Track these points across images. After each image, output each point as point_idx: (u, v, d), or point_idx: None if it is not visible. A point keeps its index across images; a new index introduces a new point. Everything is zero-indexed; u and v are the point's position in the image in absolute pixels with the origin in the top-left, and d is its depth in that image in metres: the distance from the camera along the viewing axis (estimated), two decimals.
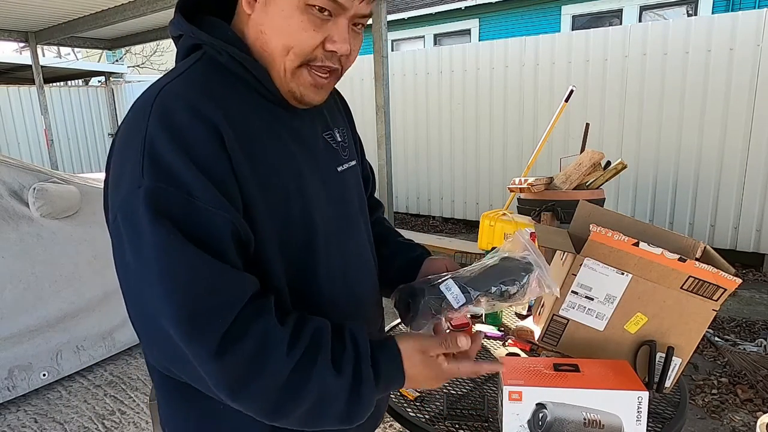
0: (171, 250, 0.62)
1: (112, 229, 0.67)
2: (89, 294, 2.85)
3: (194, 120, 0.66)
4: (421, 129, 6.14)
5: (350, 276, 0.85)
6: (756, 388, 2.62)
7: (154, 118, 0.65)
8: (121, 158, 0.68)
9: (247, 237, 0.68)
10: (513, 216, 3.49)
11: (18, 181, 2.68)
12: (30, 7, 5.22)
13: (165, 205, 0.62)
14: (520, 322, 1.49)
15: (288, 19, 0.69)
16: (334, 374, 0.68)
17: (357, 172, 0.94)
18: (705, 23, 4.28)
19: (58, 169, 6.92)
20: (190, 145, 0.64)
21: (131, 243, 0.64)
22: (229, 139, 0.67)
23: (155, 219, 0.62)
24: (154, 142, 0.64)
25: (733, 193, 4.35)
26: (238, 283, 0.65)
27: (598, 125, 4.75)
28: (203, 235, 0.64)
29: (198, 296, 0.62)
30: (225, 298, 0.63)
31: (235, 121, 0.69)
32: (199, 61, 0.73)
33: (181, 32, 0.77)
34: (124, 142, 0.68)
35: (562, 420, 0.94)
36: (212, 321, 0.62)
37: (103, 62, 12.51)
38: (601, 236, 1.05)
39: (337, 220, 0.83)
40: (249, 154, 0.69)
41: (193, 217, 0.63)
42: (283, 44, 0.71)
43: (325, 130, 0.86)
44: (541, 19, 9.02)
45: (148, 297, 0.63)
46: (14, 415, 2.58)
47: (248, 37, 0.74)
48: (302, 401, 0.67)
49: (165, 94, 0.68)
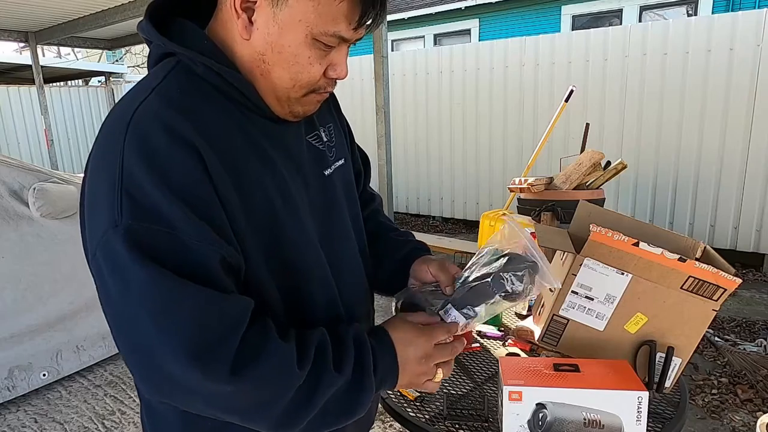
0: (161, 288, 0.59)
1: (93, 266, 0.64)
2: (89, 294, 2.84)
3: (173, 144, 0.62)
4: (421, 129, 6.14)
5: (341, 282, 0.83)
6: (756, 388, 2.62)
7: (130, 143, 0.61)
8: (96, 186, 0.64)
9: (237, 263, 0.66)
10: (513, 216, 3.49)
11: (18, 181, 2.68)
12: (30, 7, 5.22)
13: (147, 244, 0.59)
14: (520, 322, 1.49)
15: (296, 56, 0.68)
16: (337, 376, 0.68)
17: (347, 170, 0.91)
18: (705, 23, 4.28)
19: (58, 169, 6.92)
20: (169, 174, 0.61)
21: (117, 284, 0.61)
22: (211, 161, 0.64)
23: (138, 259, 0.59)
24: (132, 173, 0.60)
25: (733, 193, 4.35)
26: (235, 306, 0.63)
27: (598, 125, 4.75)
28: (191, 268, 0.61)
29: (199, 328, 0.60)
30: (227, 323, 0.61)
31: (216, 140, 0.65)
32: (173, 70, 0.69)
33: (148, 38, 0.72)
34: (98, 167, 0.64)
35: (562, 420, 0.94)
36: (219, 349, 0.60)
37: (103, 62, 12.51)
38: (601, 236, 1.05)
39: (326, 226, 0.81)
40: (231, 172, 0.66)
41: (179, 252, 0.60)
42: (290, 77, 0.70)
43: (310, 132, 0.83)
44: (541, 19, 9.02)
45: (142, 336, 0.60)
46: (14, 415, 2.58)
47: (239, 55, 0.70)
48: (311, 409, 0.67)
49: (140, 115, 0.64)
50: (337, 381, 0.68)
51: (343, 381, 0.69)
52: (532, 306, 1.50)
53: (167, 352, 0.59)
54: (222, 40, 0.71)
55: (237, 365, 0.61)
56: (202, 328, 0.60)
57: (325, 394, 0.67)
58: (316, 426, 0.69)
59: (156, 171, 0.61)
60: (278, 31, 0.67)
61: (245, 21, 0.67)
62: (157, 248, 0.60)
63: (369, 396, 0.72)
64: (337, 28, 0.67)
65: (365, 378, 0.71)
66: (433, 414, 1.12)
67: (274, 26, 0.66)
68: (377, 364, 0.72)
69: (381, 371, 0.73)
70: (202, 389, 0.61)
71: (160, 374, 0.61)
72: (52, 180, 2.80)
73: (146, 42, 0.75)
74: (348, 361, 0.70)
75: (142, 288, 0.59)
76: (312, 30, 0.66)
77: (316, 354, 0.68)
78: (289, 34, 0.66)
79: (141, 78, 0.75)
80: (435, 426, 1.08)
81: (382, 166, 4.07)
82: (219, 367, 0.60)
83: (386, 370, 0.73)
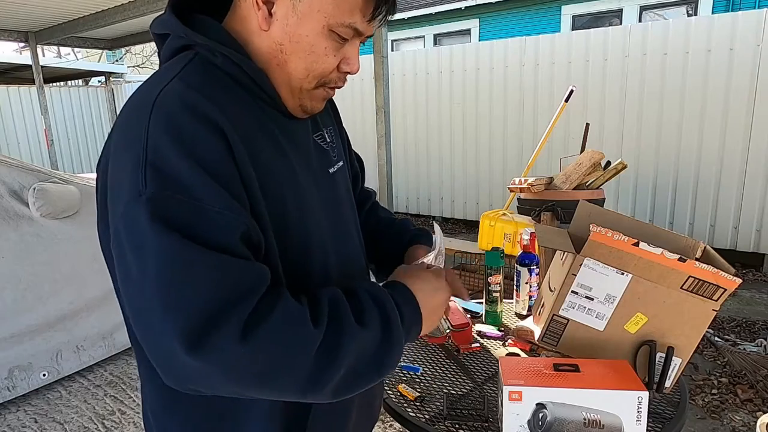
0: (180, 257, 0.58)
1: (115, 245, 0.64)
2: (89, 294, 2.85)
3: (199, 123, 0.63)
4: (421, 129, 6.14)
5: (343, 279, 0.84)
6: (756, 388, 2.62)
7: (155, 121, 0.62)
8: (118, 167, 0.64)
9: (257, 238, 0.66)
10: (513, 216, 3.49)
11: (18, 181, 2.68)
12: (30, 7, 5.22)
13: (171, 213, 0.59)
14: (520, 322, 1.49)
15: (312, 45, 0.71)
16: (362, 329, 0.68)
17: (346, 172, 0.93)
18: (705, 23, 4.28)
19: (58, 169, 6.92)
20: (196, 148, 0.62)
21: (136, 257, 0.60)
22: (234, 141, 0.65)
23: (160, 228, 0.58)
24: (157, 146, 0.61)
25: (733, 193, 4.35)
26: (251, 273, 0.63)
27: (598, 125, 4.75)
28: (214, 238, 0.61)
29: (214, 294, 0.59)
30: (241, 289, 0.61)
31: (236, 123, 0.67)
32: (191, 62, 0.70)
33: (167, 31, 0.74)
34: (121, 148, 0.65)
35: (562, 420, 0.94)
36: (232, 313, 0.59)
37: (103, 62, 12.51)
38: (601, 236, 1.05)
39: (331, 223, 0.82)
40: (251, 156, 0.67)
41: (202, 222, 0.60)
42: (305, 67, 0.72)
43: (316, 131, 0.85)
44: (541, 19, 9.02)
45: (155, 311, 0.59)
46: (14, 415, 2.58)
47: (257, 47, 0.73)
48: (338, 368, 0.65)
49: (165, 96, 0.65)
50: (363, 335, 0.67)
51: (372, 336, 0.68)
52: (532, 306, 1.50)
53: (178, 323, 0.57)
54: (239, 34, 0.73)
55: (248, 327, 0.59)
56: (217, 294, 0.59)
57: (351, 350, 0.66)
58: (350, 385, 0.68)
59: (181, 144, 0.62)
60: (297, 22, 0.70)
61: (265, 13, 0.70)
62: (179, 217, 0.60)
63: (400, 349, 0.72)
64: (352, 19, 0.70)
65: (394, 330, 0.71)
66: (433, 414, 1.12)
67: (294, 17, 0.69)
68: (403, 314, 0.73)
69: (408, 321, 0.74)
70: (217, 360, 0.59)
71: (175, 358, 0.59)
72: (52, 180, 2.80)
73: (158, 38, 0.77)
74: (371, 315, 0.70)
75: (161, 259, 0.59)
76: (329, 21, 0.69)
77: (332, 310, 0.67)
78: (307, 24, 0.69)
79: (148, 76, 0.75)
80: (435, 426, 1.08)
81: (382, 166, 4.07)
82: (231, 329, 0.58)
83: (412, 318, 0.75)
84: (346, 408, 0.86)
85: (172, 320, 0.58)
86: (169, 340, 0.57)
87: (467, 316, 1.50)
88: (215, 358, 0.58)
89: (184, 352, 0.57)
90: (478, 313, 1.61)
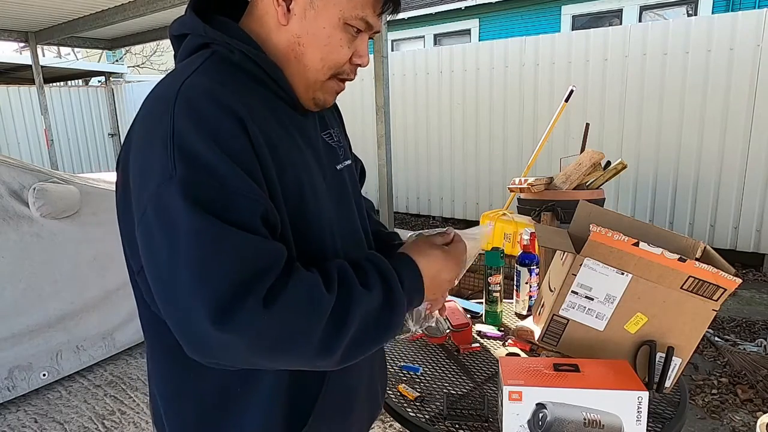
0: (208, 235, 0.62)
1: (141, 225, 0.66)
2: (89, 294, 2.85)
3: (222, 112, 0.67)
4: (421, 129, 6.14)
5: None
6: (756, 388, 2.62)
7: (179, 110, 0.66)
8: (144, 154, 0.68)
9: (275, 221, 0.70)
10: (513, 216, 3.49)
11: (18, 181, 2.68)
12: (30, 7, 5.22)
13: (200, 194, 0.63)
14: (520, 322, 1.49)
15: (329, 37, 0.76)
16: (367, 293, 0.72)
17: (353, 170, 0.97)
18: (705, 23, 4.28)
19: (58, 169, 6.92)
20: (219, 136, 0.65)
21: (165, 236, 0.63)
22: (254, 132, 0.68)
23: (191, 207, 0.62)
24: (183, 133, 0.64)
25: (733, 193, 4.35)
26: (275, 250, 0.67)
27: (598, 125, 4.75)
28: (239, 218, 0.64)
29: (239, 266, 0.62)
30: (266, 262, 0.65)
31: (254, 115, 0.70)
32: (209, 59, 0.74)
33: (187, 31, 0.78)
34: (146, 137, 0.68)
35: (562, 420, 0.94)
36: (254, 285, 0.63)
37: (103, 62, 12.51)
38: (601, 236, 1.05)
39: (341, 218, 0.85)
40: (269, 147, 0.71)
41: (228, 204, 0.64)
42: (320, 58, 0.77)
43: (324, 129, 0.89)
44: (541, 19, 9.02)
45: (184, 285, 0.62)
46: (14, 415, 2.58)
47: (275, 43, 0.77)
48: (348, 330, 0.69)
49: (187, 87, 0.68)
50: (368, 298, 0.72)
51: (375, 298, 0.73)
52: (532, 306, 1.50)
53: (207, 294, 0.61)
54: (255, 33, 0.78)
55: (269, 297, 0.63)
56: (243, 268, 0.62)
57: (358, 314, 0.70)
58: (356, 348, 0.72)
59: (206, 131, 0.65)
60: (315, 15, 0.75)
61: (284, 9, 0.75)
62: (208, 200, 0.63)
63: (402, 310, 0.77)
64: (364, 12, 0.76)
65: (395, 291, 0.76)
66: (433, 414, 1.12)
67: (312, 11, 0.75)
68: (403, 279, 0.78)
69: (408, 285, 0.79)
70: (242, 330, 0.62)
71: (202, 331, 0.61)
72: (52, 180, 2.80)
73: (176, 39, 0.80)
74: (373, 278, 0.75)
75: (191, 236, 0.62)
76: (344, 14, 0.75)
77: (340, 277, 0.72)
78: (324, 17, 0.75)
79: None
80: (435, 426, 1.08)
81: (382, 166, 4.07)
82: (255, 300, 0.62)
83: (412, 283, 0.80)
84: (349, 397, 0.87)
85: (201, 295, 0.61)
86: (198, 314, 0.61)
87: (467, 316, 1.50)
88: (240, 329, 0.62)
89: (212, 324, 0.60)
90: (478, 313, 1.61)
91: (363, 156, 1.13)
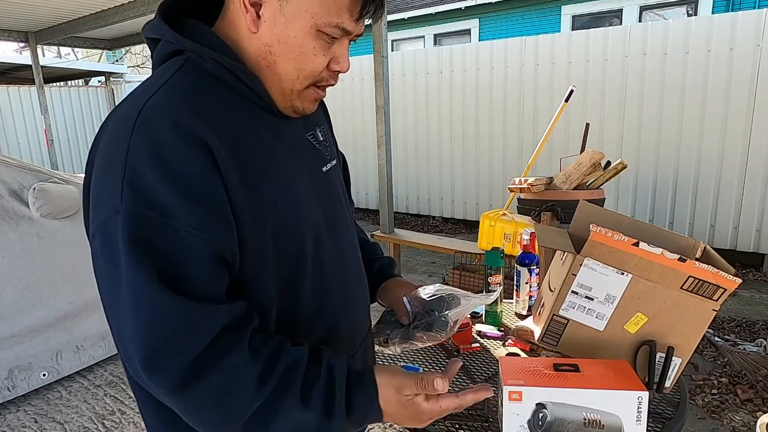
0: (142, 287, 0.61)
1: (92, 246, 0.67)
2: (89, 294, 2.85)
3: (180, 139, 0.63)
4: (421, 129, 6.13)
5: (342, 273, 0.85)
6: (756, 388, 2.62)
7: (136, 136, 0.63)
8: (100, 181, 0.66)
9: (232, 257, 0.67)
10: (513, 216, 3.49)
11: (18, 181, 2.68)
12: (30, 7, 5.22)
13: (141, 230, 0.61)
14: (520, 322, 1.48)
15: (301, 46, 0.71)
16: (302, 409, 0.67)
17: (338, 170, 0.94)
18: (705, 23, 4.27)
19: (58, 169, 6.92)
20: (172, 166, 0.62)
21: (108, 268, 0.64)
22: (219, 153, 0.65)
23: (131, 249, 0.61)
24: (136, 163, 0.62)
25: (733, 193, 4.35)
26: (206, 317, 0.63)
27: (598, 125, 4.75)
28: (179, 258, 0.62)
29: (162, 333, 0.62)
30: (191, 335, 0.62)
31: (223, 132, 0.67)
32: (181, 68, 0.71)
33: (158, 36, 0.74)
34: (104, 164, 0.66)
35: (562, 420, 0.94)
36: (173, 357, 0.62)
37: (103, 62, 12.51)
38: (601, 236, 1.05)
39: (328, 219, 0.83)
40: (239, 165, 0.68)
41: (170, 240, 0.62)
42: (294, 68, 0.72)
43: (308, 130, 0.86)
44: (541, 19, 9.01)
45: (122, 322, 0.64)
46: (14, 415, 2.58)
47: (246, 49, 0.73)
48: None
49: (148, 111, 0.65)
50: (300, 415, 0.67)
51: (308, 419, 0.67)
52: (532, 306, 1.50)
53: (135, 344, 0.62)
54: (229, 38, 0.73)
55: (188, 374, 0.62)
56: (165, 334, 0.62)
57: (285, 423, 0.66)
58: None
59: (160, 162, 0.62)
60: (285, 23, 0.70)
61: (253, 15, 0.70)
62: (150, 236, 0.62)
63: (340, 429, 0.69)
64: (340, 19, 0.70)
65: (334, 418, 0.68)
66: None
67: (281, 18, 0.69)
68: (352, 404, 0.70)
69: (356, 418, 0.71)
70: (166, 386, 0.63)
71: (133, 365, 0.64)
72: (52, 180, 2.80)
73: (150, 42, 0.76)
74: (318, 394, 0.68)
75: (129, 284, 0.62)
76: (317, 21, 0.69)
77: (283, 374, 0.67)
78: (295, 25, 0.69)
79: (146, 77, 0.76)
80: (435, 426, 1.08)
81: (382, 166, 4.07)
82: (168, 372, 0.62)
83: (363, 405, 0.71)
84: None
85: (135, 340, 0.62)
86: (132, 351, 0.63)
87: (467, 316, 1.50)
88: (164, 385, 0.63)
89: (141, 368, 0.62)
90: (478, 313, 1.61)
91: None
